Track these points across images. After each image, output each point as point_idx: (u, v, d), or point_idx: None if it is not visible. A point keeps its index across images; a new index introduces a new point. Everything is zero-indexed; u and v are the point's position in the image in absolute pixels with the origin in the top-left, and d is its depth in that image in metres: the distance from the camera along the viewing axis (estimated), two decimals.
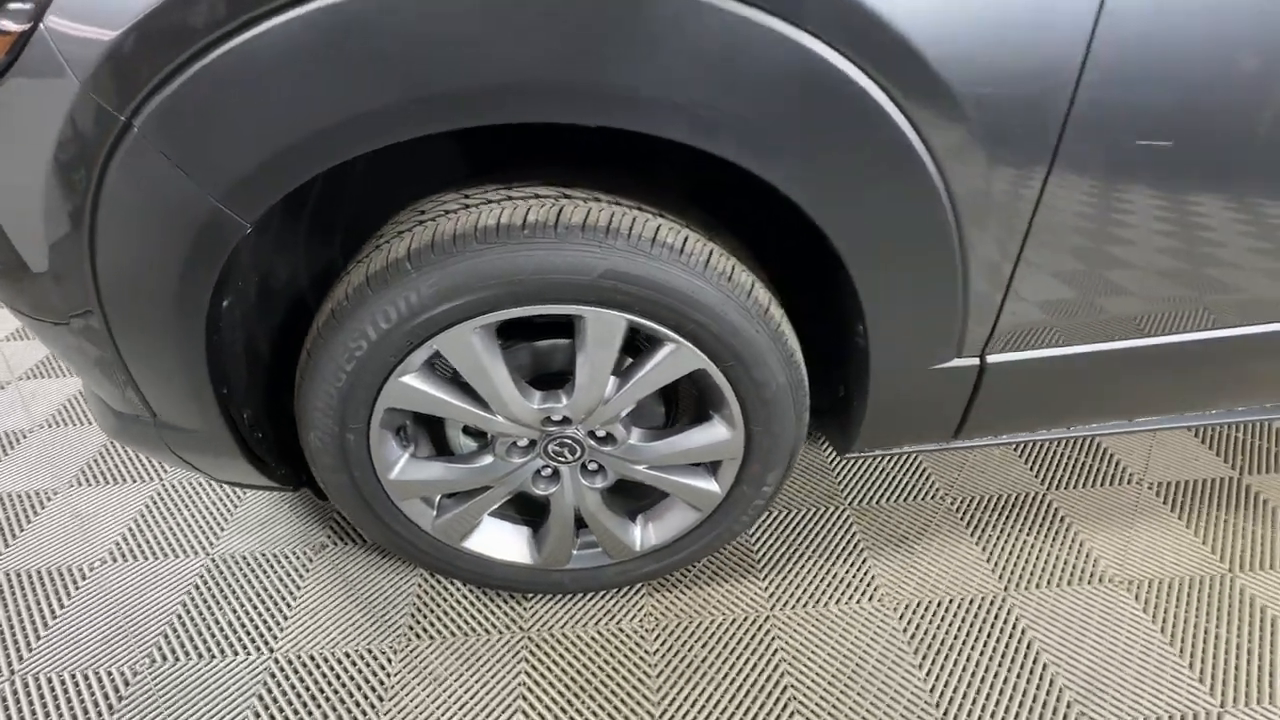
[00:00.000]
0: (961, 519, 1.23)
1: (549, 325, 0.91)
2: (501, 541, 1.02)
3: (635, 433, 0.90)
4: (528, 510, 1.07)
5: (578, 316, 0.75)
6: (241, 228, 0.62)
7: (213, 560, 1.19)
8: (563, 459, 0.91)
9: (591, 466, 0.94)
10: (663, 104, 0.58)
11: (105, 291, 0.69)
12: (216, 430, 0.80)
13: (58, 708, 0.96)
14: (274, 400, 0.93)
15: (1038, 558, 1.15)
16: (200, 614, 1.10)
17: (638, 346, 0.85)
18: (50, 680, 1.00)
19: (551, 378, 0.91)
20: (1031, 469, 1.33)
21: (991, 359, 0.83)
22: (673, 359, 0.79)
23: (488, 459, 0.90)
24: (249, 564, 1.18)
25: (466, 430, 1.00)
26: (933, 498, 1.27)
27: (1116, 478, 1.30)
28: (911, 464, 1.35)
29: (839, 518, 1.24)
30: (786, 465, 0.92)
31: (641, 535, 1.02)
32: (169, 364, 0.73)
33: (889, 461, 1.35)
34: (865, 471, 1.33)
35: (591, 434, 0.89)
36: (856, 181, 0.64)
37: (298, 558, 1.19)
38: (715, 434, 0.88)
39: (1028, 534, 1.19)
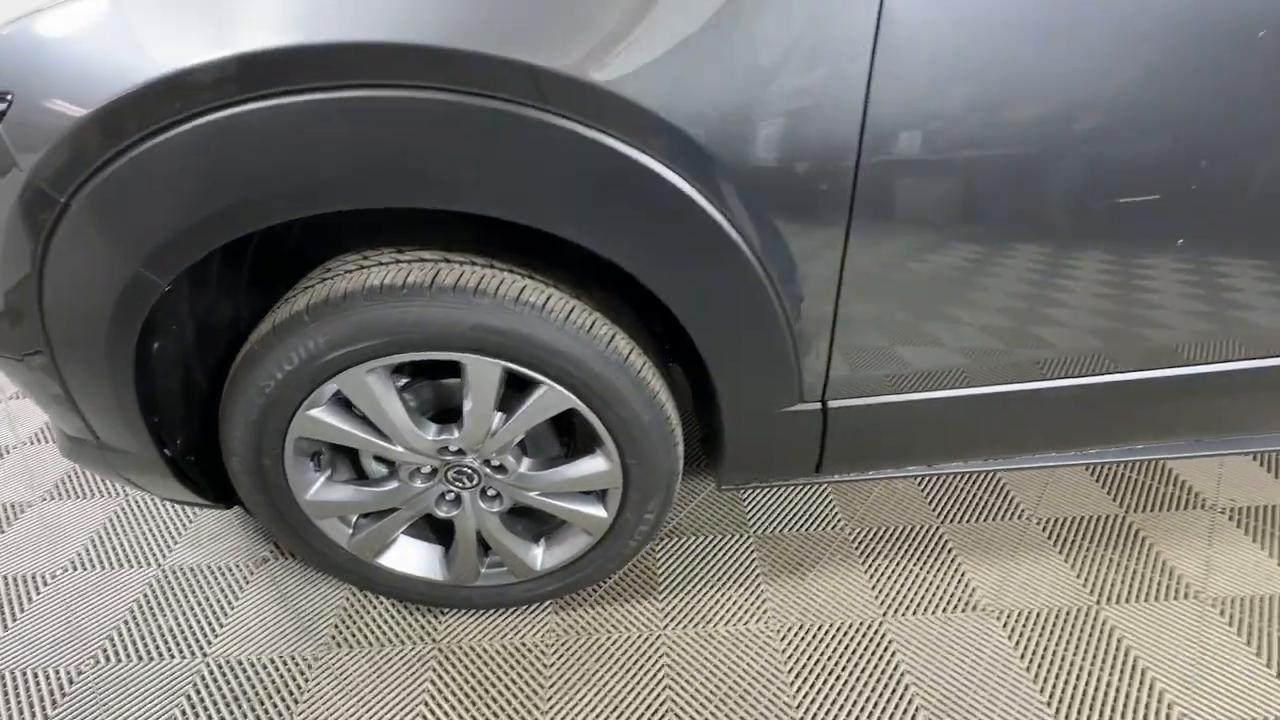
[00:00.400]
0: (856, 549, 1.31)
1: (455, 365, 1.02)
2: (414, 559, 1.13)
3: (526, 462, 1.01)
4: (442, 530, 1.17)
5: (460, 362, 0.87)
6: (159, 287, 0.75)
7: (163, 570, 1.30)
8: (462, 485, 1.02)
9: (491, 492, 1.04)
10: (503, 196, 0.71)
11: (52, 334, 0.81)
12: (148, 453, 0.91)
13: (6, 703, 1.07)
14: (212, 427, 1.05)
15: (920, 587, 1.23)
16: (146, 620, 1.20)
17: (524, 386, 0.96)
18: (2, 677, 1.11)
19: (454, 412, 1.02)
20: (930, 503, 1.41)
21: (833, 404, 0.93)
22: (546, 399, 0.90)
23: (393, 484, 1.01)
24: (195, 575, 1.29)
25: (377, 457, 1.11)
26: (833, 528, 1.36)
27: (1008, 513, 1.39)
28: (818, 496, 1.44)
29: (742, 544, 1.33)
30: (665, 494, 1.02)
31: (542, 557, 1.12)
32: (105, 396, 0.85)
33: (796, 493, 1.44)
34: (773, 502, 1.42)
35: (487, 463, 1.00)
36: (676, 256, 0.76)
37: (240, 570, 1.29)
38: (595, 465, 0.98)
39: (915, 564, 1.28)
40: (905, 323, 0.84)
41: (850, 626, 1.16)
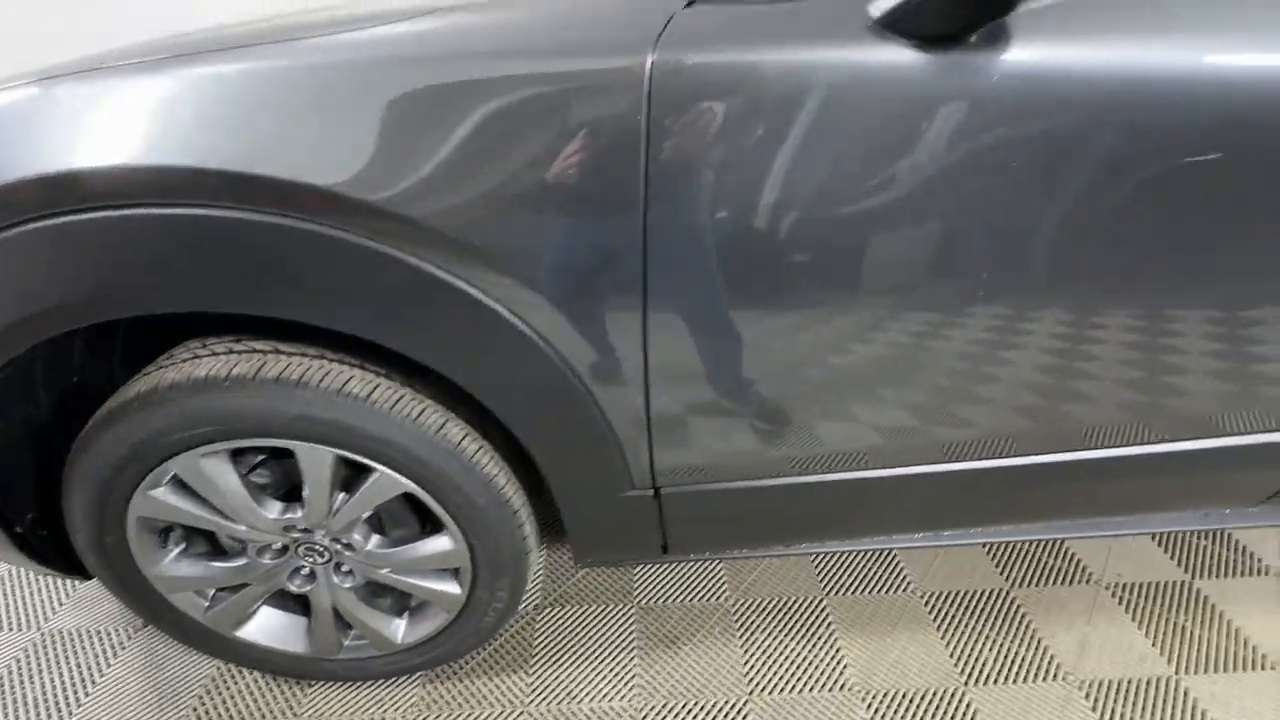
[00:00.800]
0: (736, 622, 1.31)
1: None
2: (275, 631, 1.13)
3: (374, 539, 1.03)
4: (306, 602, 1.18)
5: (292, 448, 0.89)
6: None
7: (42, 635, 1.30)
8: (314, 560, 1.03)
9: (345, 568, 1.06)
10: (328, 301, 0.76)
11: None
12: None
13: None
14: None
15: (792, 663, 1.23)
16: (14, 687, 1.20)
17: (364, 468, 0.98)
18: None
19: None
20: (819, 575, 1.42)
21: (666, 490, 0.95)
22: (381, 483, 0.92)
23: (242, 560, 1.02)
24: (71, 640, 1.29)
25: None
26: (716, 600, 1.36)
27: (894, 586, 1.39)
28: (707, 566, 1.44)
29: (624, 615, 1.33)
30: (515, 573, 1.03)
31: (404, 631, 1.13)
32: None
33: (686, 566, 1.45)
34: (660, 572, 1.43)
35: (336, 540, 1.01)
36: (481, 359, 0.79)
37: (116, 635, 1.29)
38: (441, 544, 1.00)
39: (791, 639, 1.28)
40: (716, 412, 0.87)
41: (713, 705, 1.16)
